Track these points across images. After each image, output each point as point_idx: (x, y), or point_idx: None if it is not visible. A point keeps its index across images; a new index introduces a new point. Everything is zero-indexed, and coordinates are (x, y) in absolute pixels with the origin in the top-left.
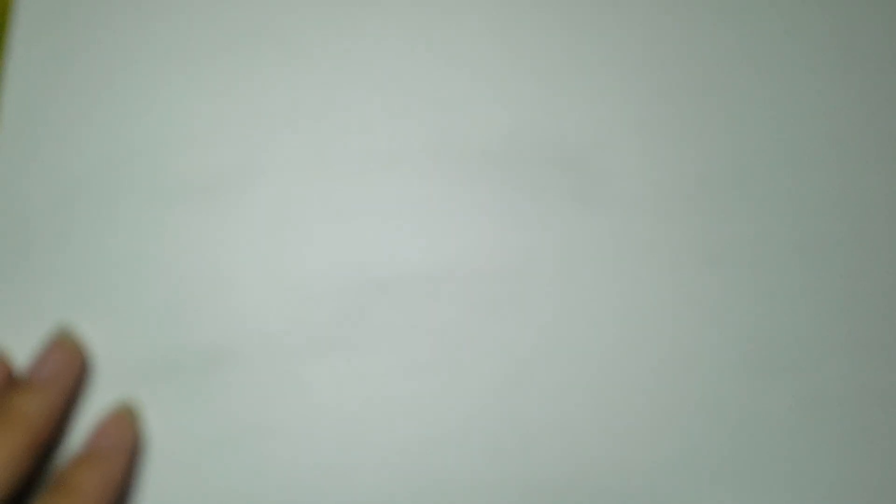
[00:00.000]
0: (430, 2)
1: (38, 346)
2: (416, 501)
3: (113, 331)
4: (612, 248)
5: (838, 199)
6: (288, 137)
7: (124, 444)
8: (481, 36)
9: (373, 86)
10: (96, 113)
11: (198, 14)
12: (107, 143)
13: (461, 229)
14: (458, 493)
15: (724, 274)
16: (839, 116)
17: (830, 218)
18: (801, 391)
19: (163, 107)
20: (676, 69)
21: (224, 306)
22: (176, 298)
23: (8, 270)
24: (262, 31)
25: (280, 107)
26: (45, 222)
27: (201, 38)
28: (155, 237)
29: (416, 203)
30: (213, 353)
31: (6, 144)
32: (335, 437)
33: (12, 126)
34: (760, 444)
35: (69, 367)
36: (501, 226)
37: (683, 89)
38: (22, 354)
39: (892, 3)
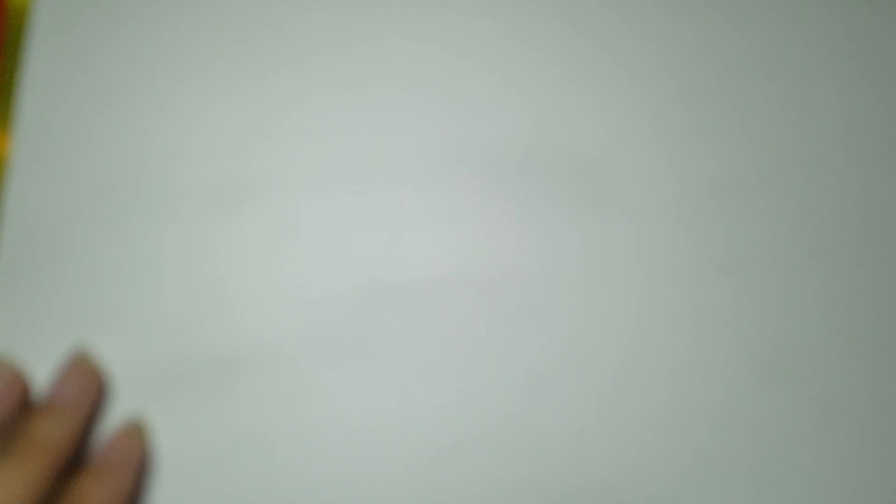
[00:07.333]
0: (443, 10)
1: (49, 355)
2: None
3: (124, 340)
4: (628, 255)
5: (853, 204)
6: (301, 146)
7: (133, 460)
8: (496, 44)
9: (386, 94)
10: (108, 125)
11: (208, 26)
12: (118, 154)
13: (475, 237)
14: (472, 502)
15: (741, 280)
16: (853, 122)
17: (846, 224)
18: (816, 398)
19: (173, 118)
20: (692, 77)
21: (235, 316)
22: (187, 308)
23: (19, 281)
24: (270, 39)
25: (292, 115)
26: (55, 233)
27: (211, 50)
28: (166, 247)
29: (430, 210)
30: (225, 363)
31: (19, 158)
32: (347, 445)
33: (25, 140)
34: (776, 451)
35: (87, 391)
36: (516, 233)
37: (699, 97)
38: (33, 363)
39: None
